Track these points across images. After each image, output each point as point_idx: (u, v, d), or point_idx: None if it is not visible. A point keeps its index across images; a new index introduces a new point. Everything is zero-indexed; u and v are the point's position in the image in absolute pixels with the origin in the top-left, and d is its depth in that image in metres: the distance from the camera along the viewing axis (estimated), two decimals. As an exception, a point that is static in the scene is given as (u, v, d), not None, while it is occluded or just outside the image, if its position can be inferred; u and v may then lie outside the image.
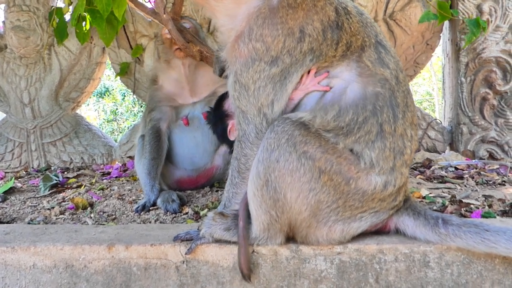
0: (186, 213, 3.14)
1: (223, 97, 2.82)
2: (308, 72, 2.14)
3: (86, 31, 4.77)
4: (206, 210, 3.13)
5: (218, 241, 2.25)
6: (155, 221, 3.03)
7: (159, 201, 3.38)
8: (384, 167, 2.08)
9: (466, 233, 2.04)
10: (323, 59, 2.11)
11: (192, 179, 3.99)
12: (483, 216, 2.60)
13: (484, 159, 4.56)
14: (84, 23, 4.70)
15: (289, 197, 2.04)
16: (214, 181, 4.05)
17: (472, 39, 3.22)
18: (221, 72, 2.72)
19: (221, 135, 2.78)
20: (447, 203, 2.88)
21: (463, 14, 4.44)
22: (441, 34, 4.90)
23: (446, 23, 4.83)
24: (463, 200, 2.89)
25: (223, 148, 4.02)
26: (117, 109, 20.81)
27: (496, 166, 4.07)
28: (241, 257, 2.13)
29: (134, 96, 18.66)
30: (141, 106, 18.92)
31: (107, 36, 4.49)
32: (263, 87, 2.11)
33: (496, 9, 4.43)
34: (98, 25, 4.33)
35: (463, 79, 4.62)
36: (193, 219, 3.02)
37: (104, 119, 20.91)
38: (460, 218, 2.16)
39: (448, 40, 4.92)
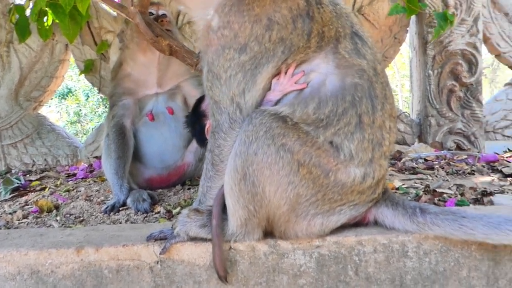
0: (158, 212, 3.04)
1: (201, 99, 2.77)
2: (286, 72, 2.10)
3: (48, 27, 4.58)
4: (179, 208, 3.04)
5: (193, 239, 2.17)
6: (126, 221, 2.92)
7: (129, 201, 3.26)
8: (363, 158, 2.05)
9: (443, 221, 2.04)
10: (296, 50, 2.07)
11: (162, 177, 3.88)
12: (457, 205, 2.62)
13: (451, 150, 4.65)
14: (45, 18, 4.51)
15: (268, 190, 1.98)
16: (186, 179, 3.95)
17: (440, 32, 3.26)
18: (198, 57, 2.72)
19: (199, 136, 2.72)
20: (421, 193, 2.90)
21: (430, 7, 4.51)
22: (408, 28, 4.96)
23: (413, 17, 4.89)
24: (437, 190, 2.91)
25: (194, 144, 3.93)
26: (80, 110, 20.31)
27: (464, 157, 4.14)
28: (216, 257, 2.06)
29: (99, 97, 18.15)
30: (105, 107, 18.52)
31: (71, 32, 4.32)
32: (234, 76, 2.08)
33: (462, 3, 4.52)
34: (61, 21, 4.15)
35: (430, 72, 4.69)
36: (165, 218, 2.92)
37: (67, 120, 20.33)
38: (438, 207, 2.16)
39: (415, 33, 4.99)
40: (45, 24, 4.52)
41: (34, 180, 4.44)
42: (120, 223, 2.91)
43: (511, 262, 2.12)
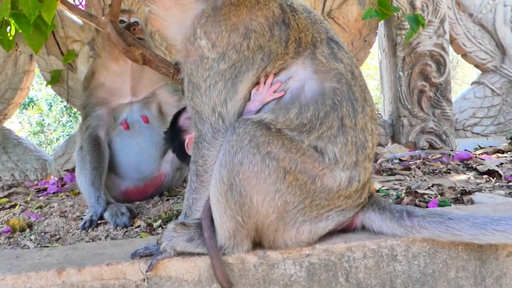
0: (138, 226, 2.95)
1: (179, 113, 2.72)
2: (265, 82, 2.10)
3: (11, 38, 4.40)
4: (159, 221, 2.96)
5: (180, 253, 2.10)
6: (106, 237, 2.82)
7: (107, 215, 3.16)
8: (347, 162, 2.05)
9: (431, 223, 2.06)
10: (274, 57, 2.08)
11: (139, 189, 3.78)
12: (439, 205, 2.66)
13: (425, 149, 4.74)
14: (8, 28, 4.33)
15: (255, 200, 1.95)
16: (163, 190, 3.87)
17: (412, 35, 3.31)
18: (176, 68, 2.69)
19: (179, 151, 2.66)
20: (402, 194, 2.93)
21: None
22: (377, 31, 5.03)
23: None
24: (418, 191, 2.95)
25: (171, 154, 3.84)
26: (43, 120, 19.72)
27: (438, 156, 4.22)
28: (216, 270, 2.01)
29: (63, 106, 17.65)
30: (69, 116, 18.03)
31: (35, 42, 4.14)
32: (214, 85, 2.07)
33: (428, 5, 4.63)
34: (24, 31, 3.98)
35: (401, 73, 4.77)
36: (147, 232, 2.84)
37: (29, 131, 19.68)
38: (424, 209, 2.19)
39: (384, 36, 5.07)
40: (8, 34, 4.35)
41: (2, 197, 4.25)
42: (100, 239, 2.81)
43: (496, 260, 2.16)
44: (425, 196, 2.90)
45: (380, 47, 5.26)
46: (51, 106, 19.37)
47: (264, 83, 2.10)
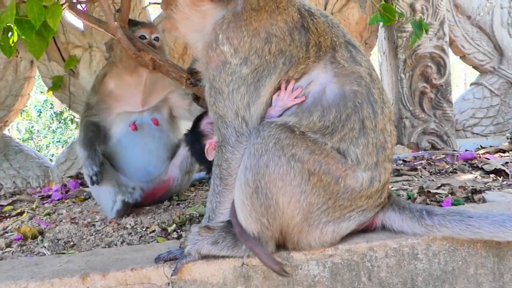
0: (153, 231, 2.95)
1: (200, 117, 2.72)
2: (286, 88, 2.12)
3: (12, 44, 4.38)
4: (174, 225, 2.97)
5: (205, 257, 2.12)
6: (122, 243, 2.82)
7: (119, 198, 3.26)
8: (369, 162, 2.09)
9: (451, 222, 2.09)
10: (296, 61, 2.11)
11: (148, 192, 3.75)
12: (453, 204, 2.70)
13: (427, 150, 4.80)
14: (10, 34, 4.31)
15: (281, 202, 1.98)
16: (172, 194, 3.86)
17: (416, 40, 3.38)
18: (190, 73, 2.76)
19: (199, 155, 2.66)
20: (415, 195, 2.96)
21: (397, 11, 4.64)
22: (377, 34, 5.09)
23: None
24: (430, 191, 2.99)
25: (180, 158, 3.86)
26: (32, 126, 19.54)
27: (442, 156, 4.28)
28: (262, 257, 2.02)
29: (52, 112, 17.45)
30: (59, 122, 17.87)
31: (36, 48, 4.14)
32: (237, 89, 2.09)
33: (428, 7, 4.70)
34: (27, 37, 3.96)
35: (402, 75, 4.83)
36: (162, 236, 2.84)
37: (18, 138, 19.46)
38: (443, 208, 2.22)
39: (384, 38, 5.13)
40: (10, 40, 4.32)
41: (6, 205, 4.21)
42: (116, 245, 2.80)
43: (514, 256, 2.20)
44: (437, 195, 2.94)
45: (380, 49, 5.32)
46: (41, 112, 19.20)
47: (285, 89, 2.13)
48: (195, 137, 2.69)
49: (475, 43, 5.10)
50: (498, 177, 3.35)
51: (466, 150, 4.62)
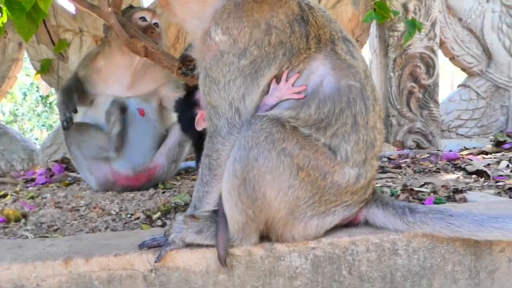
0: (138, 218, 2.96)
1: (195, 87, 2.67)
2: (286, 80, 2.11)
3: (1, 25, 4.32)
4: (158, 213, 2.98)
5: (189, 245, 2.13)
6: (106, 228, 2.82)
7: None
8: (357, 159, 2.11)
9: (432, 220, 2.13)
10: (297, 52, 2.10)
11: (129, 177, 3.77)
12: (434, 203, 2.75)
13: (412, 148, 4.86)
14: (-1, 15, 4.24)
15: (269, 195, 1.99)
16: (157, 182, 3.87)
17: (409, 38, 3.41)
18: (182, 61, 2.73)
19: (188, 123, 2.63)
20: (398, 192, 3.01)
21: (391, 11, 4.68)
22: (369, 31, 5.13)
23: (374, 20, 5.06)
24: (414, 188, 3.04)
25: (167, 147, 3.87)
26: (17, 109, 19.27)
27: (427, 155, 4.35)
28: (218, 243, 2.07)
29: (38, 95, 17.21)
30: (44, 106, 17.64)
31: (26, 30, 4.08)
32: (233, 80, 2.07)
33: (420, 8, 4.74)
34: (17, 18, 3.91)
35: (391, 74, 4.88)
36: (147, 223, 2.86)
37: (2, 120, 19.16)
38: (426, 206, 2.26)
39: (376, 37, 5.16)
40: (-1, 21, 4.26)
41: (-11, 187, 4.19)
42: (100, 230, 2.80)
43: (490, 255, 2.25)
44: (419, 193, 2.99)
45: (371, 47, 5.36)
46: (26, 95, 18.93)
47: (286, 81, 2.11)
48: (187, 105, 2.65)
49: (465, 46, 5.17)
50: (480, 178, 3.41)
51: (450, 151, 4.69)
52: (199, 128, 2.51)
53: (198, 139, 2.42)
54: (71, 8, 5.02)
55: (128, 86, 3.81)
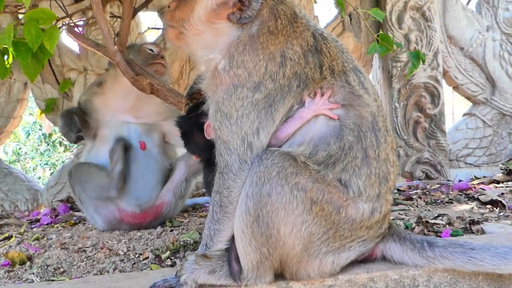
0: (146, 257, 2.88)
1: (199, 103, 2.55)
2: (322, 95, 2.08)
3: (8, 66, 4.35)
4: (168, 252, 2.89)
5: (201, 286, 2.05)
6: (114, 270, 2.73)
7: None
8: (370, 194, 2.06)
9: (453, 254, 2.06)
10: (311, 82, 2.07)
11: (136, 215, 3.69)
12: (452, 235, 2.67)
13: (421, 179, 4.80)
14: (5, 56, 4.28)
15: (283, 232, 1.93)
16: (164, 219, 3.79)
17: (413, 70, 3.42)
18: (190, 98, 2.63)
19: (195, 135, 2.52)
20: (413, 224, 2.93)
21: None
22: (372, 63, 5.16)
23: (376, 52, 5.09)
24: (429, 221, 2.97)
25: (173, 183, 3.81)
26: (20, 148, 19.31)
27: (437, 186, 4.28)
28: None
29: (40, 134, 17.24)
30: (48, 144, 17.68)
31: (32, 71, 4.12)
32: (247, 115, 2.02)
33: (422, 38, 4.78)
34: (23, 59, 3.95)
35: (397, 104, 4.87)
36: (156, 263, 2.77)
37: (5, 160, 19.13)
38: (444, 239, 2.19)
39: (379, 67, 5.19)
40: (6, 62, 4.29)
41: (-7, 229, 4.11)
42: (108, 272, 2.72)
43: (515, 290, 2.17)
44: (435, 226, 2.92)
45: (375, 78, 5.38)
46: (29, 134, 19.02)
47: (322, 95, 2.07)
48: (192, 116, 2.52)
49: (468, 74, 5.18)
50: (495, 208, 3.34)
51: (460, 180, 4.62)
52: (209, 137, 2.35)
53: (209, 152, 2.29)
54: (75, 47, 5.08)
55: (132, 110, 3.79)
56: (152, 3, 4.40)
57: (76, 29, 3.60)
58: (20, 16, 3.94)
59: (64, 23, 3.62)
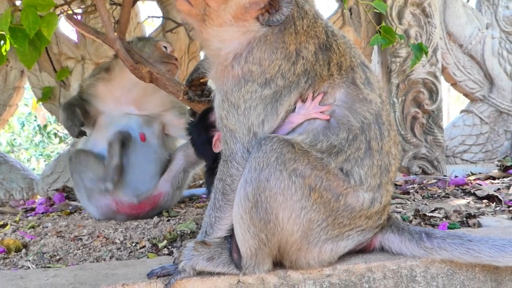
0: (143, 246, 2.86)
1: (209, 109, 2.62)
2: (313, 98, 2.09)
3: (4, 53, 4.30)
4: (165, 241, 2.88)
5: (199, 273, 2.05)
6: (110, 258, 2.72)
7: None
8: (371, 184, 2.07)
9: (451, 245, 2.07)
10: (319, 79, 2.09)
11: (133, 205, 3.68)
12: (449, 228, 2.68)
13: (418, 174, 4.81)
14: (2, 42, 4.24)
15: (281, 217, 1.94)
16: (161, 209, 3.79)
17: (416, 62, 3.41)
18: (189, 85, 2.65)
19: (203, 147, 2.57)
20: (410, 217, 2.94)
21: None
22: (371, 58, 5.16)
23: (376, 46, 5.10)
24: (426, 214, 2.97)
25: (171, 173, 3.80)
26: (15, 139, 19.20)
27: (433, 181, 4.29)
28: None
29: (36, 125, 17.17)
30: (42, 136, 17.58)
31: (29, 58, 4.07)
32: (254, 107, 2.05)
33: (421, 34, 4.78)
34: (20, 46, 3.91)
35: (395, 99, 4.87)
36: (153, 252, 2.76)
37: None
38: (443, 231, 2.20)
39: (378, 62, 5.19)
40: (3, 49, 4.25)
41: (-12, 217, 4.08)
42: (104, 260, 2.71)
43: (511, 282, 2.18)
44: (432, 219, 2.93)
45: (373, 73, 5.37)
46: (24, 125, 18.91)
47: (312, 99, 2.08)
48: (202, 127, 2.59)
49: (466, 71, 5.20)
50: (491, 203, 3.35)
51: (456, 176, 4.64)
52: (216, 150, 2.44)
53: (213, 162, 2.34)
54: (73, 36, 5.04)
55: (136, 101, 3.77)
56: (152, -8, 4.39)
57: (74, 16, 3.57)
58: (18, 2, 3.90)
59: (62, 10, 3.58)
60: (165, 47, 3.83)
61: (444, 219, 2.97)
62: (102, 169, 3.65)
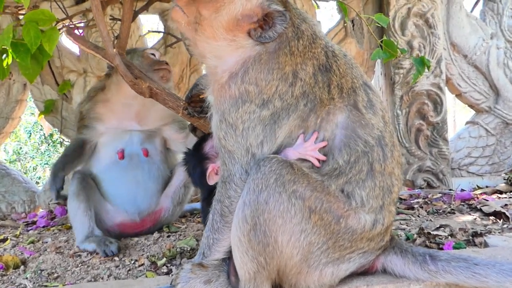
0: (142, 264, 2.82)
1: (203, 139, 2.63)
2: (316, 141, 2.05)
3: (6, 66, 4.30)
4: (164, 259, 2.84)
5: (197, 297, 2.00)
6: (108, 276, 2.68)
7: (94, 246, 3.12)
8: (373, 205, 2.03)
9: (456, 268, 2.01)
10: (319, 102, 2.04)
11: (135, 223, 3.63)
12: (454, 248, 2.62)
13: (422, 187, 4.74)
14: (4, 56, 4.24)
15: (280, 240, 1.89)
16: (162, 225, 3.74)
17: (418, 76, 3.37)
18: (189, 101, 2.63)
19: (198, 178, 2.57)
20: (414, 235, 2.88)
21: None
22: (374, 69, 5.11)
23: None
24: (430, 232, 2.90)
25: (172, 189, 3.76)
26: (21, 148, 19.28)
27: (439, 195, 4.22)
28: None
29: (41, 134, 17.23)
30: (48, 145, 17.64)
31: (31, 72, 4.07)
32: (253, 128, 2.01)
33: (425, 45, 4.73)
34: (22, 60, 3.90)
35: (399, 111, 4.82)
36: (151, 270, 2.72)
37: (5, 159, 19.12)
38: (447, 253, 2.14)
39: (381, 74, 5.14)
40: (4, 63, 4.25)
41: (-11, 231, 4.06)
42: (102, 278, 2.66)
43: (519, 307, 2.10)
44: (437, 237, 2.86)
45: (377, 85, 5.32)
46: (31, 134, 19.00)
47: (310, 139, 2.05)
48: (196, 159, 2.58)
49: (471, 82, 5.13)
50: (498, 220, 3.27)
51: (462, 190, 4.56)
52: (211, 182, 2.45)
53: (209, 194, 2.31)
54: (75, 49, 5.04)
55: (136, 117, 3.73)
56: (153, 6, 4.37)
57: (76, 31, 3.56)
58: (21, 17, 3.90)
59: (64, 24, 3.57)
60: (152, 54, 3.78)
61: (449, 237, 2.90)
62: (101, 201, 3.63)
